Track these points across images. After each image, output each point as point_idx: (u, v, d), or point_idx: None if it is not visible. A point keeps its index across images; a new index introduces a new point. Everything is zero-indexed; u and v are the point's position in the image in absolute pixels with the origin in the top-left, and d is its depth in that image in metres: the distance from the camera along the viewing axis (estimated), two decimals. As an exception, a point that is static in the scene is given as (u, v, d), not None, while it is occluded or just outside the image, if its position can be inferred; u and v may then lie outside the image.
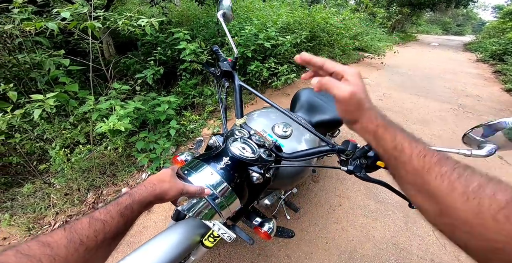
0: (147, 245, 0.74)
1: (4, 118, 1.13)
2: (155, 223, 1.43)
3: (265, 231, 0.71)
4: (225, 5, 0.91)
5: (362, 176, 0.55)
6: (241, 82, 0.79)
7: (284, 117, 1.06)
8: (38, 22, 1.27)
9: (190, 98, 2.58)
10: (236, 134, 0.65)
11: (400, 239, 1.42)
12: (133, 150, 1.87)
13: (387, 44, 5.99)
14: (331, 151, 0.59)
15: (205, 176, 0.56)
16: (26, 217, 1.39)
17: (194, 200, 0.56)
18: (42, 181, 1.62)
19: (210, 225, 0.69)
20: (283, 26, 3.07)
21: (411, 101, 3.54)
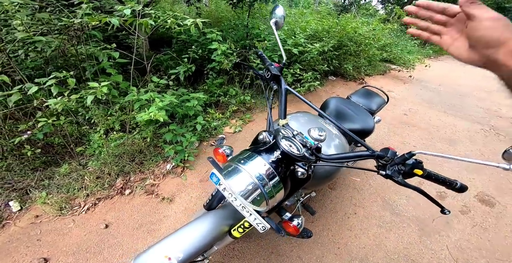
0: (181, 231, 0.82)
1: (62, 101, 1.29)
2: (175, 213, 1.52)
3: (295, 225, 0.77)
4: (278, 14, 0.98)
5: (399, 181, 0.59)
6: (287, 86, 0.87)
7: (317, 123, 1.12)
8: (103, 17, 1.43)
9: (215, 96, 2.70)
10: (282, 132, 0.72)
11: (412, 251, 1.41)
12: (160, 141, 2.01)
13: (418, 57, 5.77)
14: (370, 156, 0.63)
15: (258, 166, 0.63)
16: (59, 197, 1.50)
17: (250, 186, 0.63)
18: (78, 163, 1.76)
19: (246, 214, 0.75)
20: (311, 33, 3.12)
21: (438, 118, 3.40)
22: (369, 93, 1.79)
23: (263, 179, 0.62)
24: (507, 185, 2.08)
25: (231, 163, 0.68)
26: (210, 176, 0.82)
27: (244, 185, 0.64)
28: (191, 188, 1.72)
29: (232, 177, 0.67)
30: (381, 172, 0.61)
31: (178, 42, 2.90)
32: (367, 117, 1.48)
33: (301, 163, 0.66)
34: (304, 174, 0.66)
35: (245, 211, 0.75)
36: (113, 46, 1.89)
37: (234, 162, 0.67)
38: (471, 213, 1.74)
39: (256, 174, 0.62)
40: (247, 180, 0.64)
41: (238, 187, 0.64)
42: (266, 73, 0.90)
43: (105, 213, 1.48)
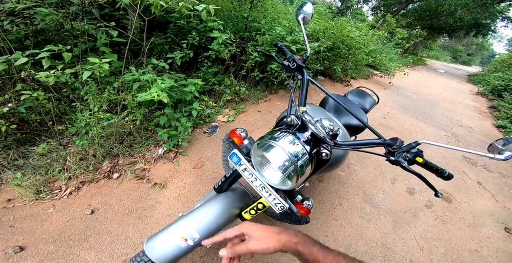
0: (195, 213, 0.83)
1: (56, 74, 1.20)
2: (168, 199, 1.50)
3: (307, 206, 0.83)
4: (307, 11, 1.01)
5: (405, 166, 0.67)
6: (309, 77, 0.92)
7: (326, 114, 1.19)
8: None
9: (209, 85, 2.66)
10: (305, 117, 0.77)
11: (388, 240, 1.58)
12: (150, 124, 1.95)
13: (398, 65, 6.20)
14: (381, 144, 0.71)
15: (292, 144, 0.68)
16: (36, 179, 1.35)
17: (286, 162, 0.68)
18: (58, 142, 1.62)
19: (265, 195, 0.79)
20: (309, 32, 3.18)
21: (411, 123, 3.73)
22: (363, 94, 1.93)
23: (296, 155, 0.67)
24: (462, 184, 2.40)
25: (263, 140, 0.72)
26: (230, 156, 0.84)
27: (281, 160, 0.68)
28: (184, 175, 1.71)
29: (269, 151, 0.70)
30: (390, 158, 0.69)
31: (174, 27, 2.78)
32: (362, 115, 1.61)
33: (325, 145, 0.72)
34: (328, 155, 0.71)
35: (264, 191, 0.79)
36: (112, 24, 1.77)
37: (266, 139, 0.71)
38: (433, 208, 1.98)
39: (290, 151, 0.67)
40: (283, 156, 0.68)
41: (276, 161, 0.69)
42: (292, 63, 0.94)
43: (90, 198, 1.39)
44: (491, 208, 2.14)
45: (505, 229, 1.92)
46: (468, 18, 10.80)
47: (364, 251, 1.47)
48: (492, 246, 1.73)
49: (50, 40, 1.69)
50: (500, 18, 11.53)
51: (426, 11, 11.06)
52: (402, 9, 11.07)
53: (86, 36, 1.68)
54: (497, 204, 2.21)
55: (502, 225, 1.95)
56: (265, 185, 0.78)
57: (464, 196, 2.22)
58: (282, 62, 0.98)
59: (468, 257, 1.60)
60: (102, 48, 1.67)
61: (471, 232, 1.81)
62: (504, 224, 1.96)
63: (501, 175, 2.77)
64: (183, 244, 0.74)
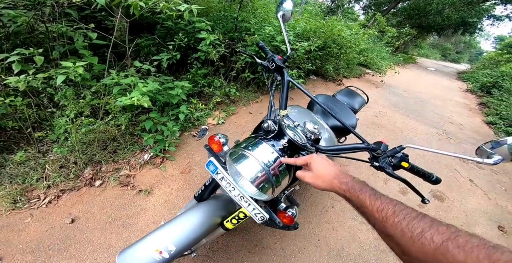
0: (172, 224, 0.78)
1: (26, 79, 1.12)
2: (154, 206, 1.45)
3: (290, 215, 0.78)
4: (286, 7, 0.97)
5: (390, 172, 0.63)
6: (290, 78, 0.87)
7: (311, 116, 1.15)
8: None
9: (199, 87, 2.60)
10: (285, 122, 0.72)
11: (381, 242, 1.54)
12: (136, 129, 1.88)
13: (389, 63, 6.25)
14: (365, 149, 0.67)
15: (266, 153, 0.63)
16: (13, 188, 1.31)
17: (259, 173, 0.63)
18: (37, 150, 1.55)
19: (244, 204, 0.74)
20: (300, 32, 3.15)
21: (402, 121, 3.75)
22: (352, 93, 1.89)
23: (271, 165, 0.62)
24: (454, 182, 2.40)
25: (236, 149, 0.67)
26: (207, 165, 0.80)
27: (253, 171, 0.64)
28: (172, 180, 1.65)
29: (240, 162, 0.66)
30: (374, 163, 0.65)
31: (162, 28, 2.71)
32: (350, 115, 1.57)
33: (304, 152, 0.68)
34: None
35: (243, 201, 0.74)
36: (91, 26, 1.70)
37: (239, 148, 0.66)
38: (426, 207, 1.96)
39: (264, 161, 0.62)
40: (256, 167, 0.63)
41: (248, 173, 0.64)
42: (271, 64, 0.90)
43: (70, 206, 1.34)
44: (483, 206, 2.14)
45: (499, 228, 1.91)
46: (456, 16, 11.07)
47: (357, 254, 1.43)
48: None
49: (27, 44, 1.61)
50: (486, 16, 11.80)
51: (415, 10, 11.24)
52: (392, 8, 11.22)
53: (65, 38, 1.60)
54: (489, 201, 2.22)
55: (495, 223, 1.95)
56: (243, 194, 0.73)
57: (457, 195, 2.22)
58: (261, 63, 0.93)
59: None
60: (82, 51, 1.60)
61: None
62: (497, 222, 1.96)
63: (492, 172, 2.79)
64: (157, 257, 0.69)
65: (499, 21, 12.09)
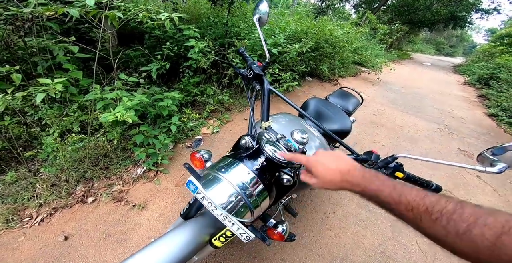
0: (156, 244, 0.73)
1: (4, 99, 1.09)
2: (149, 220, 1.40)
3: (279, 232, 0.73)
4: (262, 10, 0.93)
5: None
6: (270, 86, 0.82)
7: (299, 124, 1.10)
8: (60, 8, 1.24)
9: (192, 96, 2.57)
10: (265, 136, 0.67)
11: (387, 248, 1.48)
12: (129, 143, 1.84)
13: (384, 60, 6.22)
14: (354, 160, 0.62)
15: (241, 174, 0.58)
16: (5, 208, 1.32)
17: (232, 197, 0.58)
18: (27, 169, 1.54)
19: (228, 224, 0.69)
20: (290, 34, 3.14)
21: (402, 118, 3.69)
22: (346, 95, 1.83)
23: (246, 188, 0.57)
24: (461, 180, 2.32)
25: (210, 171, 0.62)
26: (187, 184, 0.74)
27: (225, 196, 0.58)
28: (166, 193, 1.60)
29: (212, 187, 0.61)
30: None
31: (151, 38, 2.70)
32: (345, 118, 1.51)
33: (287, 169, 0.63)
34: (290, 181, 0.62)
35: (227, 221, 0.69)
36: (72, 39, 1.67)
37: (213, 170, 0.61)
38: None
39: (239, 183, 0.57)
40: (229, 190, 0.58)
41: (219, 199, 0.59)
42: (249, 72, 0.86)
43: (63, 224, 1.33)
44: (494, 203, 2.06)
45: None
46: (445, 11, 11.18)
47: (362, 261, 1.37)
48: None
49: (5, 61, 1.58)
50: (474, 10, 11.94)
51: (404, 7, 11.35)
52: (382, 5, 11.29)
53: (48, 53, 1.57)
54: (500, 198, 2.13)
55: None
56: (226, 214, 0.68)
57: (465, 193, 2.14)
58: (239, 71, 0.89)
59: None
60: (66, 65, 1.57)
61: None
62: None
63: (498, 166, 2.72)
64: None
65: (487, 14, 12.17)
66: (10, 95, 1.13)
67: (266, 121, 0.74)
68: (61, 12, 1.35)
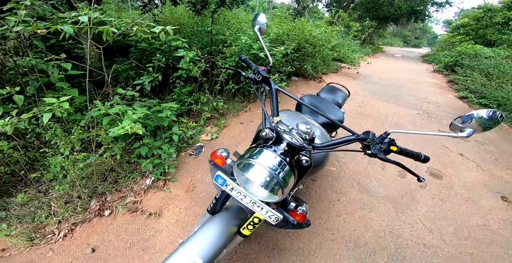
0: (193, 239, 0.80)
1: (12, 122, 1.10)
2: (167, 226, 1.45)
3: (301, 213, 0.82)
4: (261, 21, 1.06)
5: (382, 157, 0.69)
6: (277, 86, 0.94)
7: (302, 118, 1.21)
8: (53, 25, 1.26)
9: (186, 105, 2.61)
10: (280, 127, 0.77)
11: (395, 227, 1.60)
12: (132, 157, 1.85)
13: (361, 55, 6.58)
14: (356, 140, 0.73)
15: (270, 158, 0.68)
16: (24, 227, 1.33)
17: (267, 177, 0.68)
18: (36, 190, 1.55)
19: (257, 209, 0.78)
20: (274, 37, 3.28)
21: (384, 108, 3.94)
22: (334, 89, 2.00)
23: (276, 169, 0.67)
24: (447, 158, 2.54)
25: (242, 160, 0.72)
26: (215, 179, 0.83)
27: (262, 177, 0.68)
28: (178, 200, 1.64)
29: (248, 171, 0.71)
30: (367, 151, 0.71)
31: (136, 50, 2.71)
32: (337, 110, 1.67)
33: (304, 151, 0.73)
34: (308, 161, 0.72)
35: (256, 206, 0.78)
36: (63, 56, 1.68)
37: (244, 158, 0.70)
38: (428, 187, 2.04)
39: (270, 165, 0.67)
40: (263, 172, 0.68)
41: (258, 179, 0.68)
42: (257, 76, 0.96)
43: (86, 237, 1.35)
44: (480, 178, 2.24)
45: (502, 198, 1.98)
46: (405, 6, 12.12)
47: (374, 242, 1.47)
48: (497, 218, 1.77)
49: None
50: (430, 4, 13.07)
51: (370, 3, 12.10)
52: (351, 3, 11.93)
53: (37, 72, 1.57)
54: (484, 173, 2.33)
55: (497, 194, 2.03)
56: (255, 200, 0.78)
57: (452, 170, 2.33)
58: (248, 76, 0.99)
59: (480, 233, 1.62)
60: (59, 84, 1.57)
61: (472, 207, 1.86)
62: (499, 193, 2.04)
63: (478, 143, 2.97)
64: None
65: (441, 7, 13.38)
66: (16, 118, 1.14)
67: (277, 116, 0.84)
68: (54, 29, 1.37)
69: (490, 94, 4.54)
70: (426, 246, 1.49)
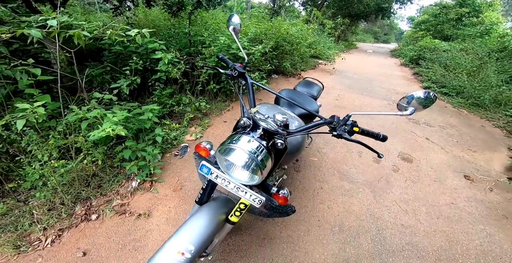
0: (183, 228, 0.85)
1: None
2: (158, 226, 1.46)
3: (283, 195, 0.90)
4: (235, 21, 1.15)
5: (347, 137, 0.78)
6: (252, 80, 1.03)
7: (279, 109, 1.31)
8: (19, 29, 1.21)
9: (168, 107, 2.59)
10: (256, 116, 0.85)
11: (374, 210, 1.73)
12: (114, 161, 1.82)
13: (336, 51, 6.87)
14: (323, 123, 0.83)
15: (248, 143, 0.76)
16: (8, 236, 1.30)
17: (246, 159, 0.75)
18: (15, 200, 1.49)
19: (241, 194, 0.85)
20: (252, 37, 3.34)
21: (359, 100, 4.20)
22: (310, 83, 2.14)
23: (255, 152, 0.75)
24: (414, 143, 2.78)
25: (223, 146, 0.79)
26: (200, 169, 0.89)
27: (242, 159, 0.75)
28: (166, 199, 1.65)
29: (230, 154, 0.77)
30: (333, 133, 0.80)
31: (110, 54, 2.62)
32: (312, 102, 1.80)
33: (278, 135, 0.82)
34: (282, 144, 0.80)
35: (240, 191, 0.85)
36: (31, 62, 1.60)
37: (226, 144, 0.78)
38: (400, 171, 2.23)
39: (249, 149, 0.74)
40: (243, 155, 0.75)
41: (239, 160, 0.75)
42: (234, 72, 1.05)
43: (75, 242, 1.34)
44: (444, 159, 2.49)
45: (465, 177, 2.20)
46: (373, 3, 13.00)
47: (357, 225, 1.59)
48: (462, 196, 1.94)
49: None
50: (394, 1, 14.16)
51: (342, 1, 12.69)
52: (324, 2, 12.38)
53: (2, 79, 1.49)
54: (447, 154, 2.59)
55: (460, 173, 2.26)
56: (238, 185, 0.85)
57: (420, 153, 2.55)
58: (225, 72, 1.06)
59: (449, 211, 1.77)
60: (28, 91, 1.51)
61: (440, 187, 2.05)
62: (461, 172, 2.27)
63: (441, 128, 3.28)
64: (181, 258, 0.75)
65: (403, 5, 14.56)
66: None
67: (253, 107, 0.93)
68: (20, 33, 1.31)
69: (449, 84, 5.02)
70: (403, 226, 1.63)
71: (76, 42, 1.49)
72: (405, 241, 1.52)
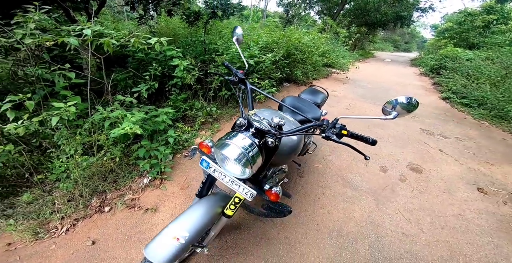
0: (181, 217, 0.95)
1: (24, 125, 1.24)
2: (163, 220, 1.56)
3: (275, 192, 0.96)
4: (238, 33, 1.31)
5: (335, 139, 0.83)
6: (252, 86, 1.15)
7: (278, 114, 1.40)
8: (60, 37, 1.42)
9: (181, 111, 2.77)
10: (253, 117, 0.95)
11: (375, 218, 1.73)
12: (130, 159, 1.98)
13: (350, 60, 6.86)
14: (314, 125, 0.90)
15: (241, 139, 0.85)
16: (30, 223, 1.45)
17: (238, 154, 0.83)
18: (41, 190, 1.67)
19: (235, 188, 0.94)
20: (263, 45, 3.49)
21: (371, 109, 4.15)
22: (315, 91, 2.21)
23: (247, 148, 0.83)
24: (426, 154, 2.71)
25: (220, 141, 0.88)
26: (201, 163, 0.99)
27: (235, 154, 0.84)
28: (173, 197, 1.76)
29: (225, 148, 0.87)
30: (322, 135, 0.86)
31: (133, 60, 2.88)
32: (315, 109, 1.87)
33: (269, 135, 0.90)
34: (273, 142, 0.88)
35: (234, 185, 0.94)
36: (68, 67, 1.83)
37: (222, 140, 0.87)
38: (407, 181, 2.19)
39: (241, 145, 0.83)
40: (236, 150, 0.84)
41: (232, 155, 0.84)
42: (235, 78, 1.17)
43: (87, 231, 1.47)
44: (458, 171, 2.39)
45: (478, 190, 2.11)
46: (391, 12, 12.73)
47: (356, 231, 1.59)
48: (472, 208, 1.89)
49: (7, 90, 1.71)
50: (414, 9, 13.75)
51: (358, 10, 12.62)
52: (341, 10, 12.45)
53: (42, 81, 1.72)
54: (462, 166, 2.49)
55: (473, 186, 2.17)
56: (233, 179, 0.94)
57: (432, 165, 2.48)
58: (227, 78, 1.18)
59: (456, 222, 1.73)
60: (63, 92, 1.72)
61: (449, 198, 2.00)
62: (475, 185, 2.18)
63: (457, 139, 3.16)
64: (176, 243, 0.84)
65: (425, 13, 14.07)
66: (28, 121, 1.28)
67: (251, 110, 1.03)
68: (61, 41, 1.53)
69: (470, 94, 4.80)
70: (404, 234, 1.61)
71: (105, 49, 1.70)
72: (404, 249, 1.50)
